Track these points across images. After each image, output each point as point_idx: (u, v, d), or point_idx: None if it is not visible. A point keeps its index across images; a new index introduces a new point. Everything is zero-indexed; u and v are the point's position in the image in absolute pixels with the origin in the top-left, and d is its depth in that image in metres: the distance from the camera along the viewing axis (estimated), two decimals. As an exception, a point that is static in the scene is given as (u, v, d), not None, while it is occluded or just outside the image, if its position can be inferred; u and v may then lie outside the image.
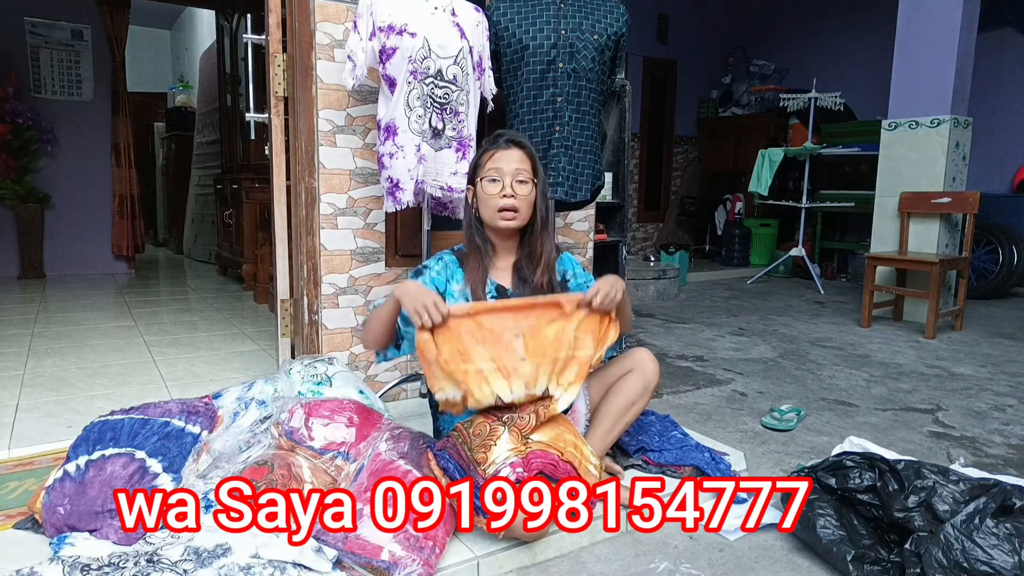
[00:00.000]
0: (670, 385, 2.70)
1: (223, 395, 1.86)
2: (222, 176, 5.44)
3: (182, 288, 5.09)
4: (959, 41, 3.89)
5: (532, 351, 1.51)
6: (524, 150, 1.63)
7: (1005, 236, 4.81)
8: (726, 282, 5.83)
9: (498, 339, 1.49)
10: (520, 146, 1.63)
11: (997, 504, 1.30)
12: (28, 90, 5.11)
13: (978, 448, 2.12)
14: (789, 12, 7.08)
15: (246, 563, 1.23)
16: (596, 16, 2.13)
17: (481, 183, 1.61)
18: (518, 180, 1.59)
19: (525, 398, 1.50)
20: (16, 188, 4.98)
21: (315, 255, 2.23)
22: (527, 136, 2.11)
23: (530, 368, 1.50)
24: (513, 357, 1.49)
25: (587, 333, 1.55)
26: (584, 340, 1.55)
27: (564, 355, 1.53)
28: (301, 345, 2.31)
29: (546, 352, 1.52)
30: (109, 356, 2.91)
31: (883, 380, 2.85)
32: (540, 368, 1.51)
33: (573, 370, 1.55)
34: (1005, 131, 5.60)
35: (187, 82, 7.79)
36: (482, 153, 1.65)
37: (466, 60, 1.98)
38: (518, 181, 1.59)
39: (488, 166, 1.61)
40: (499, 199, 1.58)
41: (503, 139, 1.63)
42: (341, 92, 2.19)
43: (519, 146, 1.63)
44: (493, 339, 1.49)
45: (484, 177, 1.61)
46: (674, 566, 1.41)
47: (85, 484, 1.42)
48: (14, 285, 4.83)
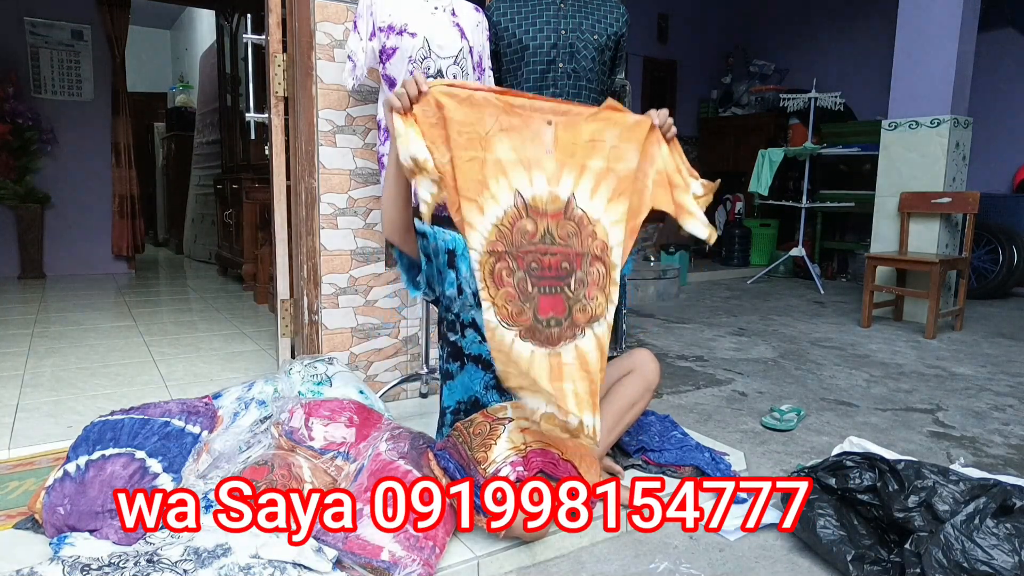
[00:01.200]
0: (670, 385, 2.70)
1: (223, 395, 1.86)
2: (222, 176, 5.44)
3: (182, 288, 5.09)
4: (959, 41, 3.88)
5: (562, 147, 1.30)
6: None
7: (1005, 236, 4.81)
8: (726, 282, 5.83)
9: (526, 124, 1.29)
10: None
11: (997, 504, 1.30)
12: (28, 90, 5.11)
13: (978, 448, 2.12)
14: (789, 12, 7.08)
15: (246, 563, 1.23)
16: (596, 16, 2.13)
17: None
18: None
19: (548, 198, 1.30)
20: (16, 188, 4.98)
21: (315, 255, 2.23)
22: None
23: (554, 165, 1.30)
24: (539, 148, 1.29)
25: (630, 143, 1.34)
26: (626, 150, 1.34)
27: (598, 165, 1.33)
28: (301, 345, 2.32)
29: (576, 152, 1.32)
30: (109, 356, 2.91)
31: (883, 380, 2.85)
32: (565, 168, 1.31)
33: (610, 185, 1.33)
34: (1005, 131, 5.60)
35: (187, 82, 7.79)
36: None
37: (466, 60, 1.98)
38: None
39: None
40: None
41: None
42: (341, 92, 2.19)
43: None
44: (520, 124, 1.28)
45: None
46: (674, 566, 1.41)
47: (85, 484, 1.42)
48: (14, 285, 4.83)
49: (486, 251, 1.27)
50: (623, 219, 1.35)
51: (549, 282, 1.32)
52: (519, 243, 1.29)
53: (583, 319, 1.33)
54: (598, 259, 1.34)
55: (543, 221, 1.30)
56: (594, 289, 1.34)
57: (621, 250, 1.36)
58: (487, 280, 1.27)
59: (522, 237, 1.29)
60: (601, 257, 1.34)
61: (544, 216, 1.30)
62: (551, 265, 1.32)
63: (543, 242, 1.31)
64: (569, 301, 1.33)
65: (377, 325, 2.36)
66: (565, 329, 1.32)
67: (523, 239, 1.29)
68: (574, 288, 1.33)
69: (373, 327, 2.35)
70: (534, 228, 1.30)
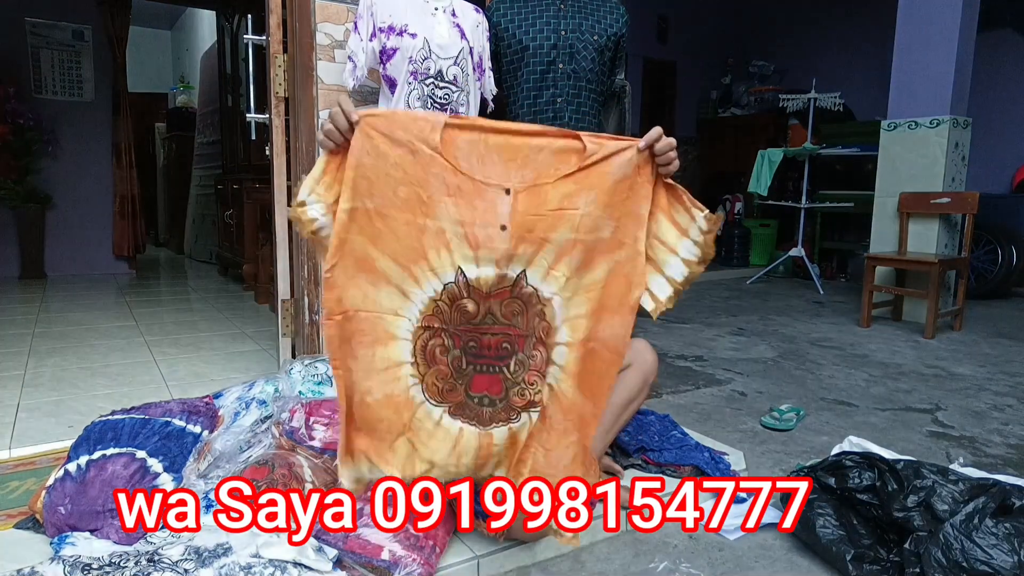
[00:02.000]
0: (670, 385, 2.70)
1: (224, 395, 1.86)
2: (223, 176, 5.45)
3: (183, 288, 5.09)
4: (958, 41, 3.89)
5: (519, 221, 1.11)
6: None
7: (1004, 236, 4.82)
8: (726, 282, 5.83)
9: (478, 193, 1.10)
10: None
11: (996, 504, 1.30)
12: (29, 91, 5.11)
13: (977, 448, 2.12)
14: (789, 13, 7.09)
15: (247, 563, 1.23)
16: (596, 17, 2.14)
17: None
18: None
19: (495, 280, 1.14)
20: (17, 189, 4.98)
21: (316, 255, 2.23)
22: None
23: (507, 245, 1.12)
24: (490, 223, 1.11)
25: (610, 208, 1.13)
26: (601, 219, 1.13)
27: (563, 237, 1.13)
28: (302, 345, 2.32)
29: (536, 226, 1.12)
30: (110, 356, 2.91)
31: (882, 380, 2.86)
32: (521, 245, 1.13)
33: (574, 259, 1.15)
34: (1004, 131, 5.60)
35: (188, 83, 7.80)
36: None
37: (466, 61, 1.98)
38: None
39: None
40: None
41: None
42: (341, 92, 2.19)
43: None
44: (471, 191, 1.09)
45: None
46: (674, 566, 1.41)
47: (86, 484, 1.43)
48: (15, 285, 4.83)
49: (420, 325, 1.17)
50: (587, 290, 1.18)
51: (487, 361, 1.21)
52: (457, 321, 1.18)
53: (520, 403, 1.23)
54: (541, 343, 1.20)
55: (486, 303, 1.17)
56: (534, 375, 1.22)
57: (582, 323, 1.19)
58: (418, 356, 1.18)
59: (461, 315, 1.18)
60: (545, 342, 1.20)
61: (488, 298, 1.17)
62: (491, 345, 1.20)
63: (483, 322, 1.18)
64: (507, 383, 1.22)
65: (377, 325, 2.36)
66: (499, 411, 1.22)
67: (462, 317, 1.18)
68: (513, 370, 1.21)
69: (373, 327, 2.35)
70: (475, 309, 1.17)
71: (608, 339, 1.21)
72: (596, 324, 1.20)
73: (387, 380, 1.18)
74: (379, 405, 1.19)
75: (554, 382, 1.24)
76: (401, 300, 1.16)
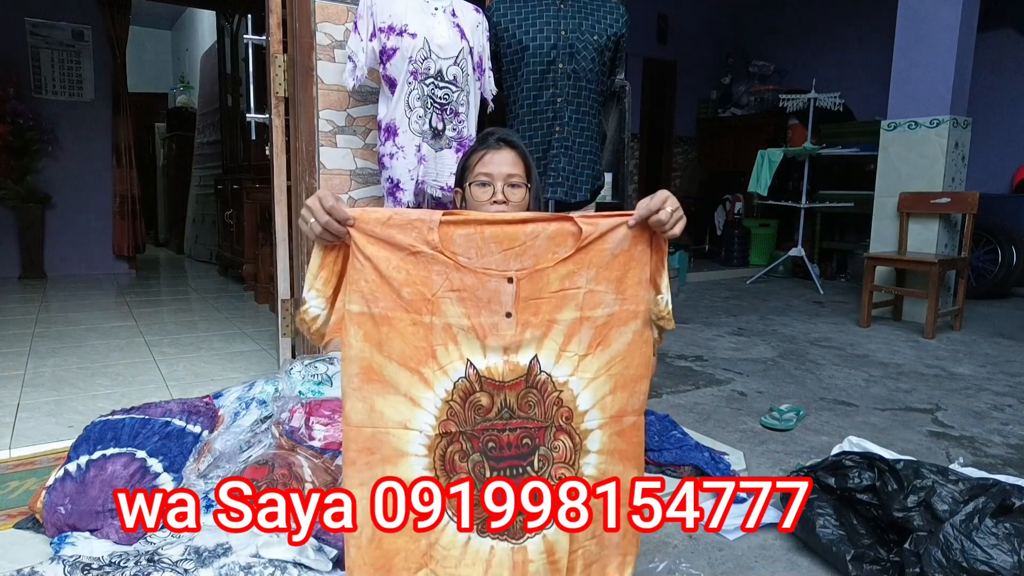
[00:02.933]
0: (670, 385, 2.70)
1: (224, 395, 1.86)
2: (223, 176, 5.45)
3: (183, 288, 5.09)
4: (958, 41, 3.89)
5: (524, 305, 1.10)
6: (516, 150, 1.46)
7: (1004, 236, 4.82)
8: (726, 282, 5.83)
9: (481, 284, 1.08)
10: (512, 146, 1.46)
11: (996, 504, 1.30)
12: (29, 90, 5.11)
13: (977, 448, 2.12)
14: (789, 12, 7.09)
15: (247, 562, 1.23)
16: (596, 17, 2.14)
17: (470, 187, 1.44)
18: (510, 184, 1.43)
19: (505, 368, 1.11)
20: (17, 189, 4.98)
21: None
22: (527, 136, 2.12)
23: (514, 330, 1.10)
24: (496, 311, 1.09)
25: (609, 283, 1.13)
26: (602, 294, 1.12)
27: (570, 316, 1.12)
28: (302, 345, 2.32)
29: (540, 309, 1.11)
30: (110, 356, 2.91)
31: (882, 380, 2.86)
32: (528, 330, 1.11)
33: (584, 338, 1.12)
34: (1004, 131, 5.60)
35: (188, 82, 7.80)
36: (471, 153, 1.48)
37: (466, 61, 1.98)
38: (510, 185, 1.43)
39: (477, 170, 1.44)
40: (489, 205, 1.41)
41: (493, 138, 1.47)
42: (341, 92, 2.19)
43: (511, 146, 1.46)
44: (475, 284, 1.08)
45: (473, 181, 1.44)
46: (674, 566, 1.41)
47: (86, 484, 1.43)
48: (15, 285, 4.83)
49: (438, 433, 1.10)
50: (604, 371, 1.15)
51: (509, 463, 1.14)
52: (473, 420, 1.11)
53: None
54: (562, 431, 1.15)
55: (500, 394, 1.12)
56: (560, 467, 1.16)
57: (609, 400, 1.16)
58: (437, 468, 1.11)
59: (476, 413, 1.11)
60: (566, 428, 1.15)
61: (502, 388, 1.11)
62: (510, 443, 1.14)
63: (500, 417, 1.12)
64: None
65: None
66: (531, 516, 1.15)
67: (477, 415, 1.11)
68: (538, 466, 1.15)
69: (373, 327, 2.35)
70: (490, 402, 1.11)
71: (638, 406, 1.18)
72: (624, 396, 1.17)
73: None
74: (392, 536, 1.11)
75: (594, 471, 1.18)
76: (410, 410, 1.09)
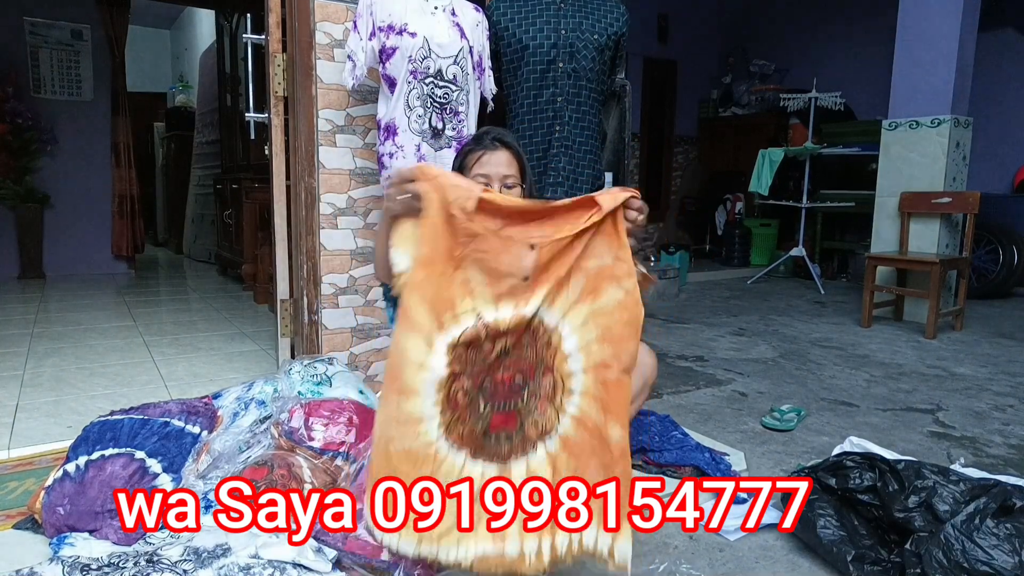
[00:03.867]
0: (670, 385, 2.70)
1: (223, 395, 1.86)
2: (222, 176, 5.44)
3: (182, 288, 5.09)
4: (960, 41, 3.88)
5: (541, 269, 1.21)
6: (511, 150, 1.49)
7: (1005, 236, 4.81)
8: (726, 282, 5.82)
9: (506, 248, 1.20)
10: (507, 146, 1.49)
11: (997, 504, 1.30)
12: (28, 90, 5.11)
13: (978, 448, 2.12)
14: (789, 12, 7.08)
15: (246, 563, 1.23)
16: (596, 16, 2.13)
17: None
18: (506, 184, 1.46)
19: (512, 320, 1.21)
20: (16, 188, 4.98)
21: (315, 255, 2.23)
22: (527, 136, 2.12)
23: (529, 292, 1.22)
24: (515, 276, 1.21)
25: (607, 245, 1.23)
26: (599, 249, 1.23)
27: (566, 268, 1.23)
28: (301, 345, 2.32)
29: (552, 271, 1.22)
30: (109, 356, 2.91)
31: (883, 380, 2.85)
32: (538, 287, 1.22)
33: (578, 284, 1.23)
34: (1005, 131, 5.60)
35: (187, 82, 7.80)
36: (466, 153, 1.51)
37: (466, 60, 1.98)
38: (506, 186, 1.46)
39: (475, 170, 1.47)
40: None
41: (489, 138, 1.49)
42: (341, 92, 2.19)
43: (506, 146, 1.49)
44: (500, 247, 1.19)
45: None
46: (674, 566, 1.41)
47: (85, 484, 1.42)
48: (14, 285, 4.83)
49: (448, 373, 1.21)
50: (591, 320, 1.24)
51: (502, 398, 1.26)
52: (474, 361, 1.23)
53: (534, 434, 1.27)
54: (550, 370, 1.26)
55: (501, 340, 1.23)
56: (544, 403, 1.26)
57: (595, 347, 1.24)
58: (444, 403, 1.22)
59: (477, 355, 1.23)
60: (552, 367, 1.26)
61: (504, 335, 1.23)
62: (504, 380, 1.25)
63: (497, 358, 1.24)
64: (521, 415, 1.26)
65: (377, 325, 2.35)
66: (516, 444, 1.27)
67: (478, 357, 1.23)
68: (527, 401, 1.27)
69: (373, 327, 2.35)
70: (491, 347, 1.23)
71: (625, 364, 1.24)
72: (609, 349, 1.24)
73: (406, 435, 1.21)
74: (399, 458, 1.22)
75: (576, 411, 1.25)
76: (425, 352, 1.20)
